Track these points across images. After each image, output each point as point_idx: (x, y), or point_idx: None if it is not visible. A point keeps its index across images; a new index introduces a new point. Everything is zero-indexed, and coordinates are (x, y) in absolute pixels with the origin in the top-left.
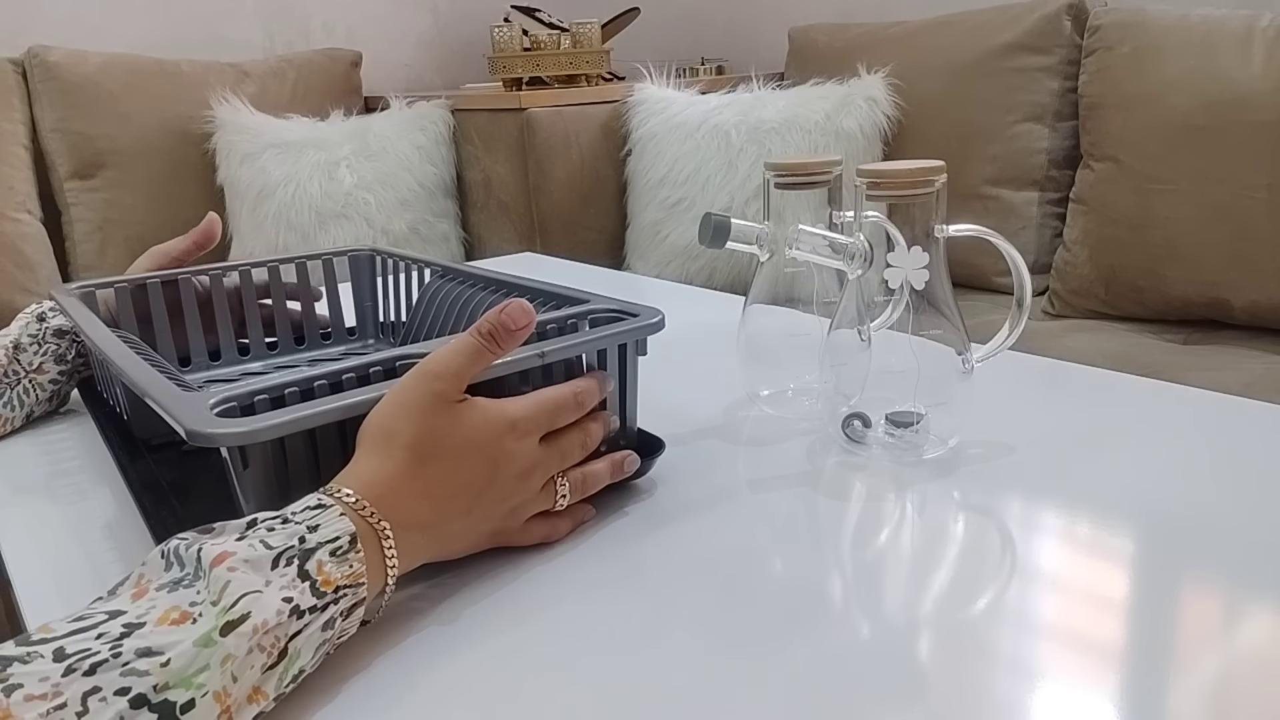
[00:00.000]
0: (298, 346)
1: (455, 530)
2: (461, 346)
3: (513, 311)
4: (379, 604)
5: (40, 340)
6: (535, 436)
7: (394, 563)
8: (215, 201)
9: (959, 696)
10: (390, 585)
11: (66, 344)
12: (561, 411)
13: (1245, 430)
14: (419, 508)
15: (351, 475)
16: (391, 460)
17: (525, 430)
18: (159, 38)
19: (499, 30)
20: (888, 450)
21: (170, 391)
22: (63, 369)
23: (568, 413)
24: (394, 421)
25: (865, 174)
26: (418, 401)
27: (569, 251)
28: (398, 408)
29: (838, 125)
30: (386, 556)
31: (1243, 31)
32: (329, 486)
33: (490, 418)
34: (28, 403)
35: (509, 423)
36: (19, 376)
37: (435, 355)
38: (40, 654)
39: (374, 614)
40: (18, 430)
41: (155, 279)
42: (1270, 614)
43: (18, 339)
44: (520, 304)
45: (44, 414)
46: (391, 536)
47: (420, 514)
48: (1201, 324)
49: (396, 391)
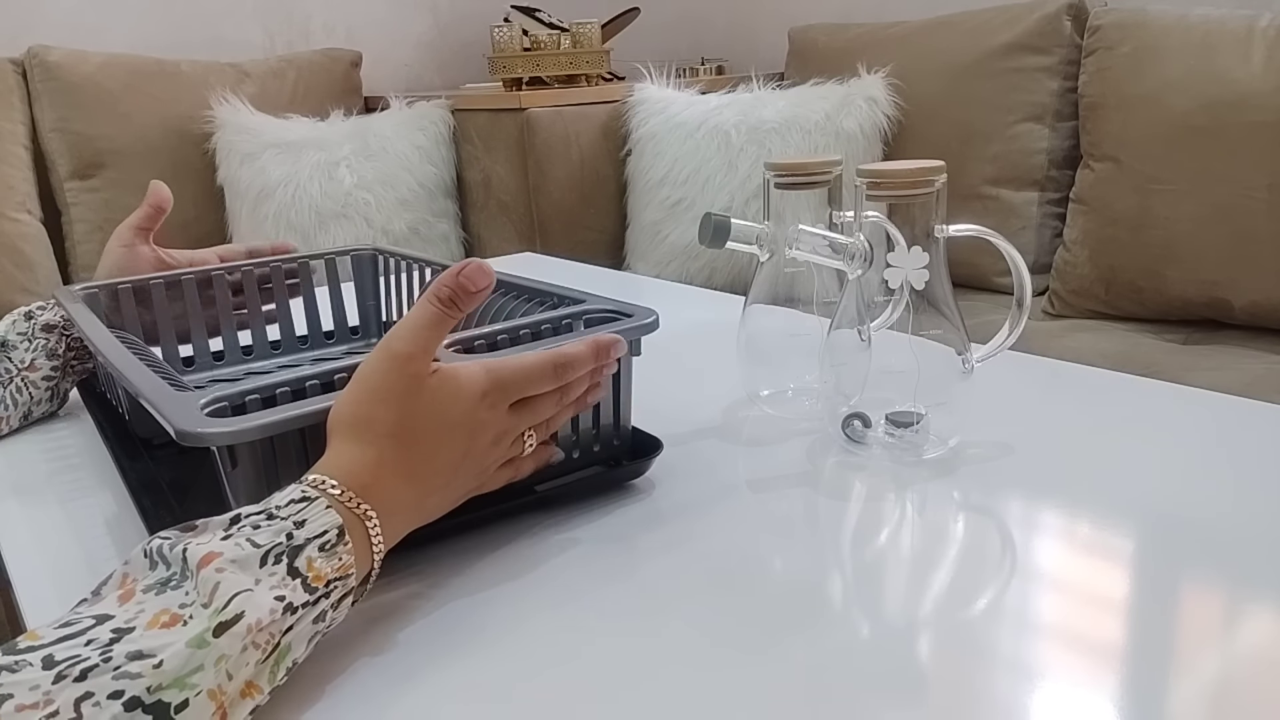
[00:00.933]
0: (301, 346)
1: (434, 502)
2: (424, 318)
3: (471, 273)
4: (364, 587)
5: (29, 336)
6: (506, 404)
7: (379, 547)
8: (215, 201)
9: (959, 696)
10: (376, 568)
11: (56, 338)
12: (535, 382)
13: (1245, 430)
14: (402, 491)
15: (331, 465)
16: (373, 447)
17: (495, 401)
18: (159, 38)
19: (499, 30)
20: (888, 450)
21: (162, 391)
22: (55, 364)
23: (543, 383)
24: (370, 408)
25: (865, 174)
26: (393, 387)
27: (569, 251)
28: (371, 393)
29: (838, 125)
30: (373, 542)
31: (1243, 31)
32: (310, 477)
33: (462, 390)
34: (22, 401)
35: (480, 393)
36: (11, 375)
37: (400, 334)
38: (29, 662)
39: (360, 595)
40: (18, 430)
41: (158, 279)
42: (1270, 614)
43: (4, 337)
44: (478, 264)
45: (45, 415)
46: (378, 523)
47: (403, 496)
48: (1201, 324)
49: (367, 376)
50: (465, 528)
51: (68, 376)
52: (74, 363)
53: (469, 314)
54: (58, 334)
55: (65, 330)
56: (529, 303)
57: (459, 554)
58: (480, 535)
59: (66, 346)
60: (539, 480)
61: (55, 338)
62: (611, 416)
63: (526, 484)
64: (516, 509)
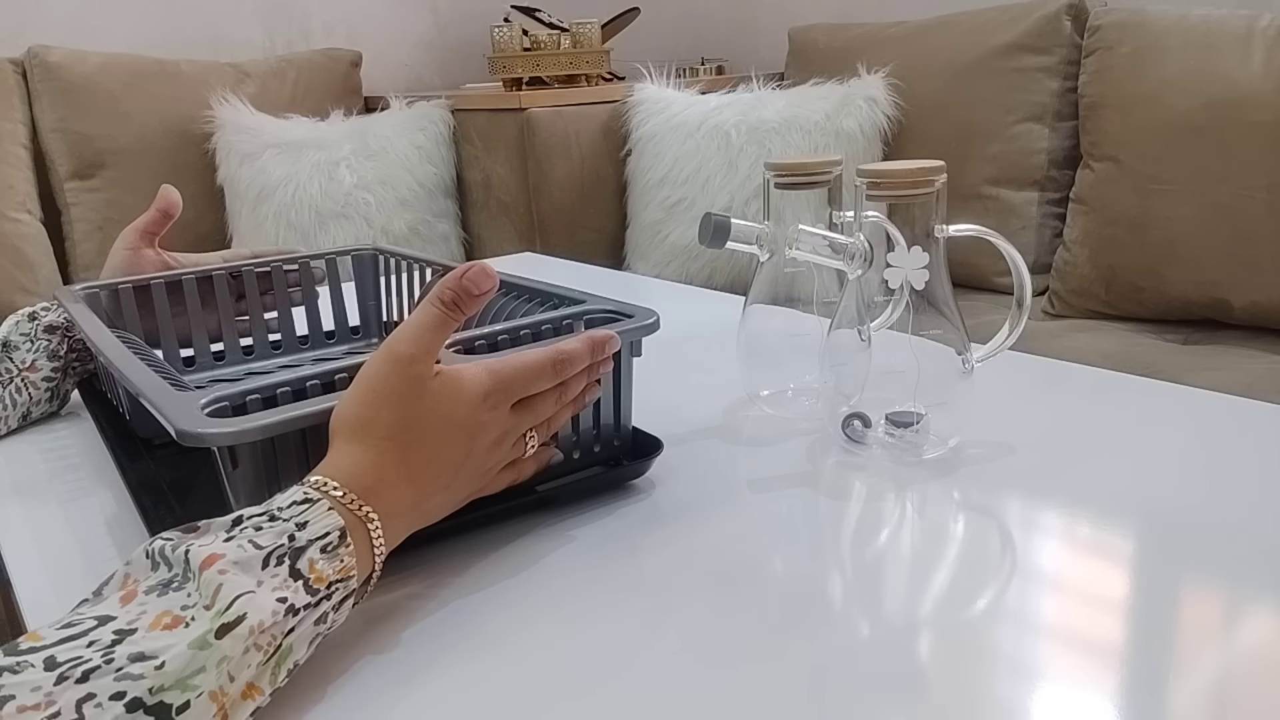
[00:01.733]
0: (302, 346)
1: (435, 504)
2: (428, 320)
3: (475, 276)
4: (366, 588)
5: (32, 337)
6: (508, 405)
7: (381, 549)
8: (215, 201)
9: (959, 696)
10: (377, 570)
11: (58, 340)
12: (536, 380)
13: (1245, 430)
14: (403, 493)
15: (333, 466)
16: (375, 449)
17: (497, 401)
18: (159, 38)
19: (499, 30)
20: (888, 450)
21: (163, 391)
22: (56, 365)
23: (543, 381)
24: (372, 410)
25: (865, 174)
26: (396, 389)
27: (569, 251)
28: (374, 395)
29: (838, 125)
30: (375, 544)
31: (1243, 31)
32: (312, 479)
33: (464, 392)
34: (21, 402)
35: (482, 395)
36: (11, 375)
37: (402, 336)
38: (30, 663)
39: (361, 596)
40: (18, 430)
41: (159, 279)
42: (1270, 614)
43: (7, 337)
44: (482, 267)
45: (45, 415)
46: (379, 525)
47: (405, 498)
48: (1201, 324)
49: (370, 378)
50: (466, 528)
51: (68, 378)
52: (75, 364)
53: (471, 316)
54: (60, 335)
55: (68, 332)
56: (530, 303)
57: (460, 554)
58: (481, 535)
59: (68, 348)
60: (539, 481)
61: (58, 339)
62: (612, 417)
63: (527, 484)
64: (517, 509)
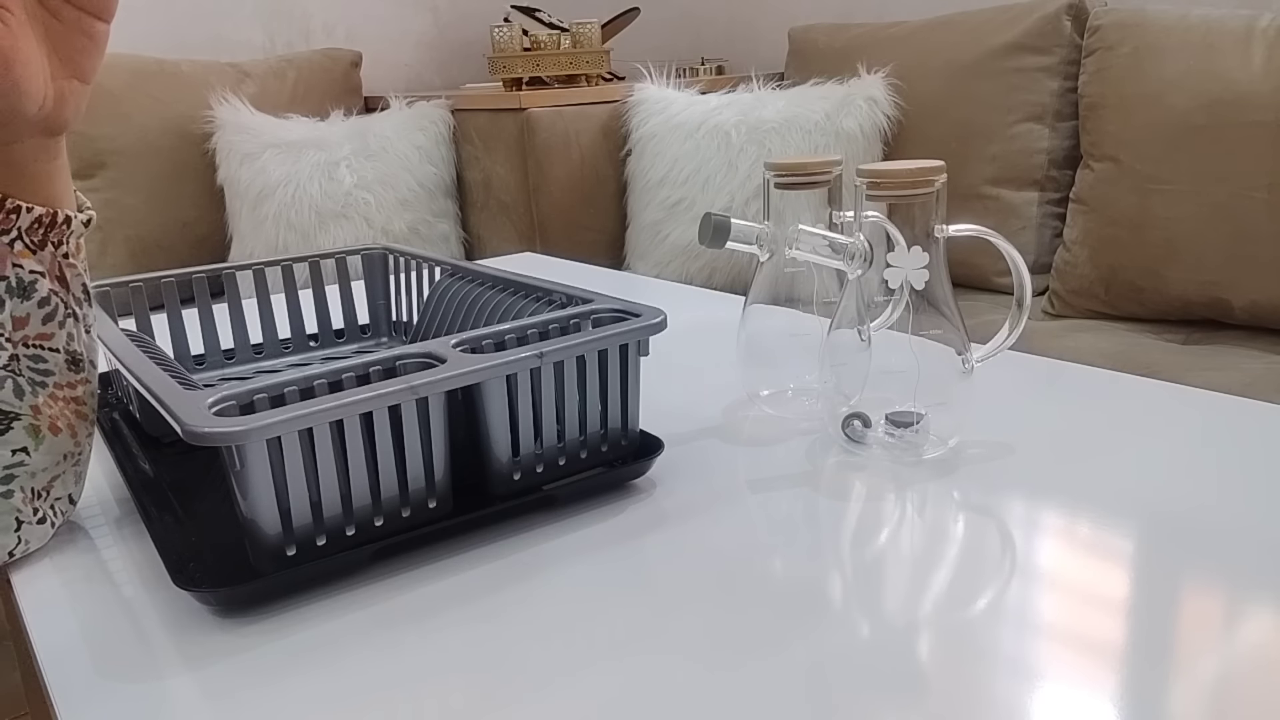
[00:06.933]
0: (311, 345)
1: None
2: None
3: None
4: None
5: None
6: None
7: None
8: (215, 201)
9: (959, 696)
10: None
11: None
12: None
13: (1245, 430)
14: None
15: None
16: None
17: None
18: (159, 38)
19: (499, 30)
20: (888, 450)
21: (170, 389)
22: None
23: None
24: None
25: (865, 174)
26: None
27: (569, 251)
28: None
29: (838, 125)
30: None
31: (1243, 31)
32: None
33: None
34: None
35: None
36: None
37: None
38: None
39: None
40: None
41: (169, 278)
42: (1270, 614)
43: None
44: None
45: None
46: None
47: None
48: (1201, 324)
49: None
50: (467, 527)
51: None
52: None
53: (471, 314)
54: None
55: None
56: (536, 302)
57: (460, 554)
58: (482, 535)
59: None
60: (544, 480)
61: None
62: (620, 418)
63: (531, 484)
64: (519, 509)
